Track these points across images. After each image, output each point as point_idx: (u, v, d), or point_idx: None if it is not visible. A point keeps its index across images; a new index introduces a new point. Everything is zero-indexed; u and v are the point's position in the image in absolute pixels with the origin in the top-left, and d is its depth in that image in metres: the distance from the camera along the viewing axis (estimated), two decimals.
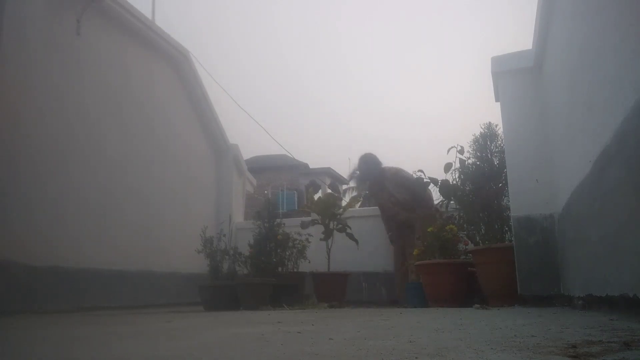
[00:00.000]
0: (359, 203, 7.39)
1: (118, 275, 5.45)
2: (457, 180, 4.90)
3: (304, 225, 6.02)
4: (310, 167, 21.39)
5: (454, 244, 4.70)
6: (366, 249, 6.22)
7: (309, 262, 5.85)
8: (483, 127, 4.82)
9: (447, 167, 4.95)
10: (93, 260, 5.13)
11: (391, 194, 5.78)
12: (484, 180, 4.62)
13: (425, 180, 5.17)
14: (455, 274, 4.55)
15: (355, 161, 6.20)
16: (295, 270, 5.79)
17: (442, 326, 2.14)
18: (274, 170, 20.19)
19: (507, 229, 4.32)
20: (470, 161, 4.80)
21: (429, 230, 4.91)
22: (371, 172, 5.90)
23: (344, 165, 35.84)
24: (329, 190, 9.72)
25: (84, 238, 5.09)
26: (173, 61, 7.08)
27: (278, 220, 5.83)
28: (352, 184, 6.11)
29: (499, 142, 4.70)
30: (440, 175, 5.07)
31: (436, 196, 5.18)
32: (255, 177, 9.88)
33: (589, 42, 2.51)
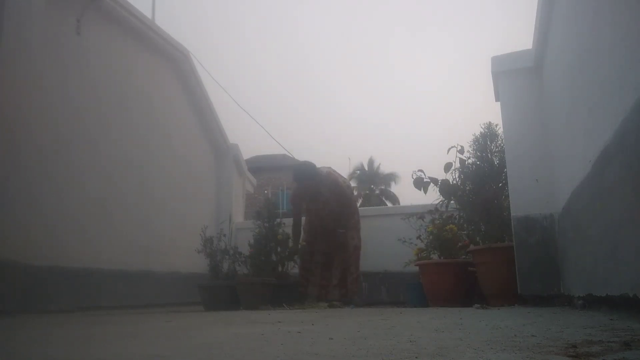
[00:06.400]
0: (359, 202, 7.41)
1: (118, 275, 5.45)
2: (457, 180, 4.90)
3: None
4: None
5: (454, 243, 4.70)
6: (366, 248, 6.22)
7: None
8: (483, 126, 4.82)
9: (447, 167, 4.95)
10: (93, 259, 5.13)
11: (326, 202, 5.70)
12: (484, 180, 4.62)
13: (425, 180, 5.17)
14: (455, 274, 4.55)
15: (354, 161, 6.18)
16: (295, 270, 5.79)
17: (442, 326, 2.14)
18: (274, 170, 20.20)
19: (507, 228, 4.32)
20: (470, 161, 4.80)
21: (428, 230, 4.91)
22: (308, 183, 5.72)
23: (344, 164, 35.84)
24: None
25: (84, 238, 5.09)
26: (173, 60, 7.08)
27: (278, 220, 5.83)
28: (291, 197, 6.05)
29: (499, 142, 4.70)
30: (440, 175, 5.07)
31: (436, 196, 5.17)
32: (255, 177, 9.88)
33: (588, 42, 2.51)
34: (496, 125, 4.76)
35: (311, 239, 5.79)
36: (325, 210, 5.70)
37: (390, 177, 37.05)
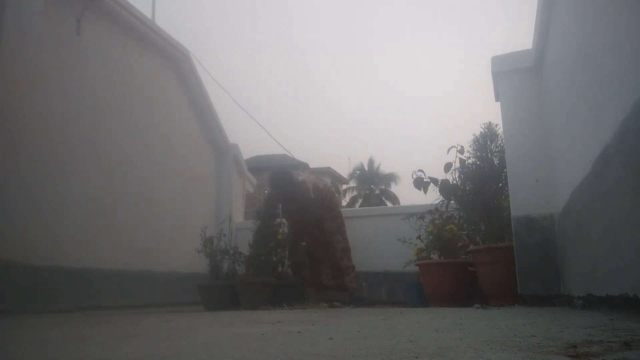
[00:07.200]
0: (359, 203, 7.41)
1: (118, 275, 5.45)
2: (457, 180, 4.90)
3: None
4: (311, 166, 21.37)
5: (454, 244, 4.70)
6: (366, 248, 6.23)
7: None
8: (483, 127, 4.82)
9: (447, 167, 4.95)
10: (93, 259, 5.13)
11: (302, 208, 5.79)
12: (484, 180, 4.62)
13: (425, 180, 5.17)
14: (455, 274, 4.55)
15: (354, 161, 6.23)
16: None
17: (442, 326, 2.14)
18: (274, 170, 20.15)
19: (507, 228, 4.31)
20: (470, 161, 4.80)
21: (428, 230, 4.91)
22: (283, 189, 5.83)
23: (344, 164, 35.85)
24: None
25: (84, 238, 5.09)
26: (173, 60, 7.08)
27: (278, 219, 5.83)
28: (265, 206, 6.08)
29: (499, 142, 4.70)
30: (440, 175, 5.07)
31: (436, 196, 5.18)
32: (255, 177, 9.88)
33: (588, 42, 2.51)
34: (496, 125, 4.76)
35: (299, 239, 5.85)
36: (302, 214, 5.81)
37: (390, 177, 37.07)
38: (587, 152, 2.58)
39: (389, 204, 31.31)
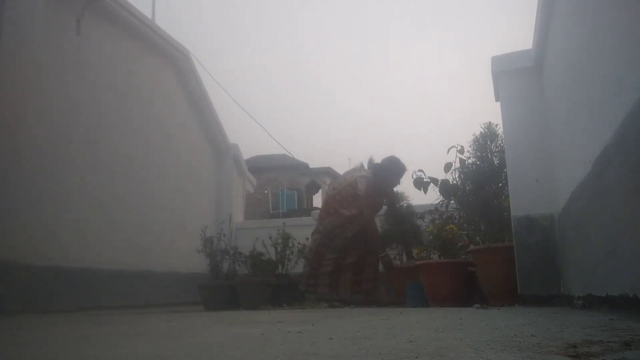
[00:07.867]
0: None
1: (118, 275, 5.45)
2: (457, 180, 4.90)
3: None
4: (310, 166, 21.36)
5: (454, 244, 4.70)
6: None
7: None
8: (483, 126, 4.82)
9: (447, 167, 4.95)
10: (93, 259, 5.13)
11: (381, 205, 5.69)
12: (484, 180, 4.61)
13: (425, 180, 5.17)
14: (455, 274, 4.55)
15: (354, 161, 6.09)
16: (295, 270, 5.79)
17: (442, 326, 2.14)
18: (274, 170, 20.18)
19: (507, 228, 4.31)
20: (470, 161, 4.80)
21: (428, 230, 4.91)
22: (387, 180, 5.56)
23: (344, 164, 35.77)
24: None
25: (84, 238, 5.09)
26: (173, 60, 7.08)
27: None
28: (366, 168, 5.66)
29: (499, 142, 4.69)
30: (440, 175, 5.07)
31: (436, 196, 5.17)
32: (255, 177, 9.89)
33: (589, 42, 2.51)
34: (496, 125, 4.76)
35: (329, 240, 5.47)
36: (369, 213, 5.52)
37: None
38: (587, 152, 2.57)
39: None
